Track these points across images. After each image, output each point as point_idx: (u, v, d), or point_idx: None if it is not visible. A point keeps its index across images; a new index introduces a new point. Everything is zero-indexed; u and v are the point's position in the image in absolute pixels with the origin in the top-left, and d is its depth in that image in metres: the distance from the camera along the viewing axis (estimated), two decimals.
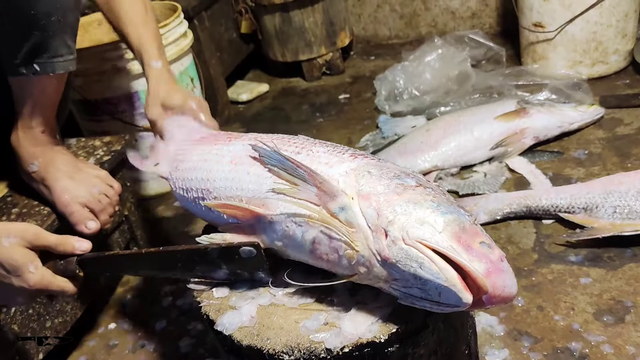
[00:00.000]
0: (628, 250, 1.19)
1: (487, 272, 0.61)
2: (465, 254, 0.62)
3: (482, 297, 0.61)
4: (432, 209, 0.67)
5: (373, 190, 0.69)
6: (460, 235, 0.64)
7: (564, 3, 1.77)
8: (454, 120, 1.66)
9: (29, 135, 1.08)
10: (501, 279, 0.62)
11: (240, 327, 0.75)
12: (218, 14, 2.22)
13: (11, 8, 0.95)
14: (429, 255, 0.63)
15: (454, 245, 0.63)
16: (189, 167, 0.91)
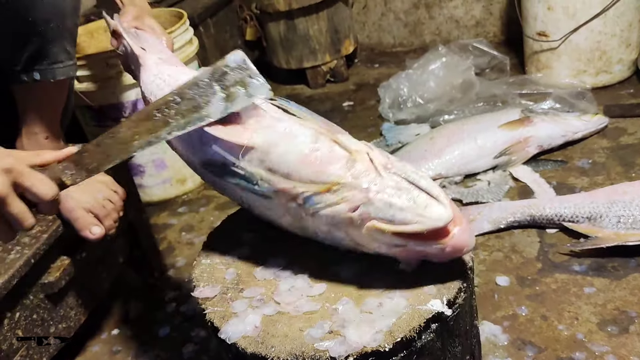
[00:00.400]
0: (632, 260, 1.19)
1: (462, 215, 0.71)
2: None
3: (454, 230, 0.69)
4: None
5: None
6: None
7: (568, 12, 1.78)
8: (457, 129, 1.66)
9: (33, 141, 1.08)
10: (468, 228, 0.72)
11: (244, 336, 0.75)
12: (223, 21, 2.23)
13: (9, 15, 0.96)
14: (428, 174, 0.72)
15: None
16: (178, 70, 0.93)
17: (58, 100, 1.09)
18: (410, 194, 0.70)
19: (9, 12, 0.96)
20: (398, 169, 0.73)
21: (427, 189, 0.70)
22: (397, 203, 0.69)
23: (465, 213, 1.39)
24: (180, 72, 0.93)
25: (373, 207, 0.70)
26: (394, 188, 0.70)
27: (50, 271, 1.11)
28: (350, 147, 0.74)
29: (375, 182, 0.71)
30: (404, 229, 0.69)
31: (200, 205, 1.73)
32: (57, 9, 0.99)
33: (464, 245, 0.71)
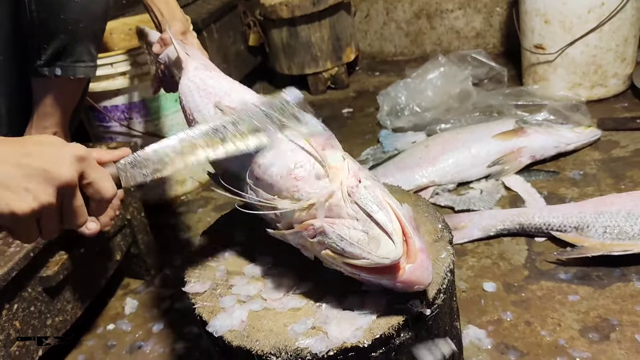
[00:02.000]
0: (616, 270, 1.21)
1: (422, 249, 0.70)
2: (413, 230, 0.72)
3: (405, 267, 0.69)
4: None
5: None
6: (415, 219, 0.75)
7: (565, 26, 1.81)
8: (452, 138, 1.69)
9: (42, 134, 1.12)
10: (427, 262, 0.71)
11: (231, 330, 0.78)
12: (227, 26, 2.27)
13: (43, 10, 1.01)
14: (392, 205, 0.72)
15: (409, 220, 0.73)
16: (212, 76, 0.99)
17: (72, 98, 1.14)
18: (366, 227, 0.70)
19: (44, 7, 1.01)
20: (359, 196, 0.72)
21: (383, 223, 0.70)
22: (349, 236, 0.70)
23: (456, 220, 1.42)
24: (211, 77, 0.98)
25: (327, 238, 0.71)
26: (352, 218, 0.71)
27: (48, 265, 1.14)
28: (330, 166, 0.75)
29: (339, 209, 0.72)
30: (351, 262, 0.70)
31: (199, 206, 1.77)
32: (88, 11, 1.05)
33: (416, 282, 0.70)
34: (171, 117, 1.71)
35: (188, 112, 0.97)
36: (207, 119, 0.88)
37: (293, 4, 2.21)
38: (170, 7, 1.16)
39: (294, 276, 0.84)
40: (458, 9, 2.47)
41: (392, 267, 0.69)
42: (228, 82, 0.98)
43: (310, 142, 0.78)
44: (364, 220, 0.70)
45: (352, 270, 0.71)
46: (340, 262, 0.71)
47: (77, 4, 1.05)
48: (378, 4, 2.58)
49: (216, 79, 0.98)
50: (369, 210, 0.71)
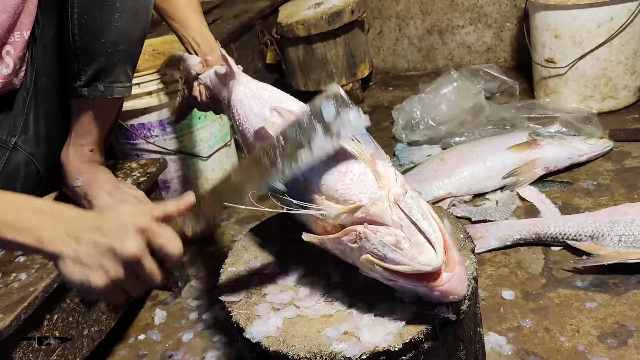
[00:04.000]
0: (632, 277, 1.24)
1: (460, 262, 0.75)
2: (452, 243, 0.76)
3: (444, 276, 0.73)
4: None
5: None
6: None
7: (575, 40, 1.86)
8: (467, 150, 1.73)
9: (79, 152, 1.19)
10: (463, 275, 0.76)
11: (267, 336, 0.83)
12: (245, 45, 2.35)
13: (85, 33, 1.08)
14: (434, 217, 0.76)
15: (449, 234, 0.77)
16: (264, 87, 1.06)
17: (108, 117, 1.20)
18: (409, 234, 0.74)
19: (86, 32, 1.08)
20: (406, 205, 0.76)
21: (427, 232, 0.74)
22: (392, 243, 0.73)
23: (473, 230, 1.46)
24: (264, 86, 1.05)
25: (369, 244, 0.75)
26: (397, 225, 0.75)
27: None
28: (379, 174, 0.80)
29: (384, 216, 0.75)
30: (392, 267, 0.74)
31: (222, 220, 1.82)
32: (127, 35, 1.11)
33: (452, 292, 0.74)
34: (196, 134, 1.77)
35: (242, 116, 1.02)
36: (265, 119, 0.94)
37: (309, 23, 2.28)
38: (205, 38, 1.22)
39: (325, 284, 0.89)
40: (469, 25, 2.53)
41: (432, 274, 0.73)
42: (282, 93, 1.03)
43: (361, 151, 0.82)
44: (408, 227, 0.74)
45: (390, 276, 0.75)
46: (380, 268, 0.75)
47: (117, 29, 1.11)
48: (391, 21, 2.64)
49: (270, 89, 1.04)
50: (414, 219, 0.75)
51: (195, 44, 1.21)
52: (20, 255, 1.13)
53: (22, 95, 1.18)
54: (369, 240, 0.75)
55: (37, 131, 1.20)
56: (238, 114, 1.03)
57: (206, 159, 1.81)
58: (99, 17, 1.08)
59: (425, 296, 0.76)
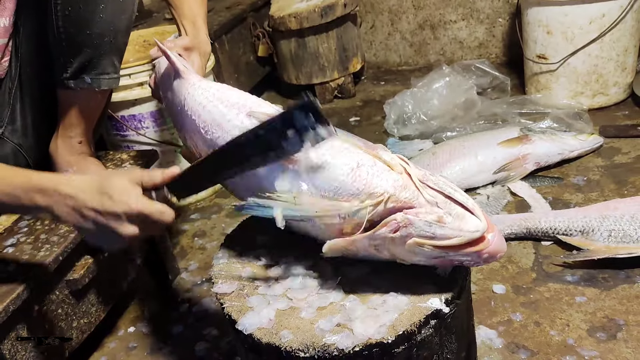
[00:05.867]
0: (622, 272, 1.26)
1: (492, 222, 0.77)
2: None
3: (489, 237, 0.74)
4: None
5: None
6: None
7: (567, 37, 1.86)
8: (459, 145, 1.74)
9: (67, 144, 1.17)
10: (499, 235, 0.77)
11: (259, 327, 0.82)
12: (237, 37, 2.33)
13: (70, 26, 1.06)
14: (461, 191, 0.77)
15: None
16: (227, 89, 0.97)
17: (96, 109, 1.18)
18: (447, 208, 0.75)
19: (70, 24, 1.06)
20: (433, 182, 0.78)
21: (463, 201, 0.76)
22: (436, 220, 0.74)
23: None
24: (226, 88, 0.96)
25: (414, 227, 0.75)
26: (432, 203, 0.76)
27: (75, 269, 1.18)
28: (389, 161, 0.80)
29: (414, 198, 0.76)
30: (444, 243, 0.74)
31: (212, 213, 1.81)
32: (113, 26, 1.09)
33: (499, 250, 0.76)
34: None
35: (209, 123, 0.93)
36: (241, 129, 0.86)
37: (301, 16, 2.27)
38: (196, 28, 1.16)
39: (318, 276, 0.88)
40: (461, 20, 2.53)
41: (480, 239, 0.74)
42: (248, 95, 0.95)
43: (356, 143, 0.81)
44: (443, 202, 0.75)
45: (440, 253, 0.75)
46: (429, 248, 0.75)
47: (103, 20, 1.09)
48: (383, 15, 2.64)
49: (233, 90, 0.96)
50: (447, 192, 0.76)
51: (184, 32, 1.18)
52: (9, 246, 1.12)
53: (7, 85, 1.17)
54: (414, 224, 0.75)
55: (24, 122, 1.19)
56: (201, 120, 0.94)
57: None
58: (83, 8, 1.06)
59: (474, 262, 0.77)
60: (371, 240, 0.79)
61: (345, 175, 0.79)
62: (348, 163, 0.80)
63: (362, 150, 0.81)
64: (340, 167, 0.80)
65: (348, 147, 0.81)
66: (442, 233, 0.74)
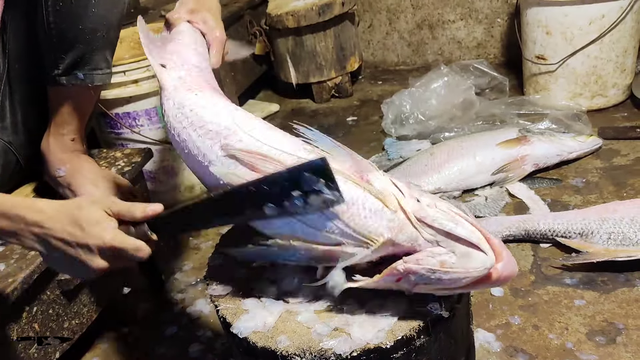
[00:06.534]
0: (621, 275, 1.24)
1: (501, 244, 0.72)
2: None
3: (498, 267, 0.70)
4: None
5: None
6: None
7: (566, 38, 1.85)
8: (457, 145, 1.72)
9: (59, 141, 1.15)
10: (510, 254, 0.72)
11: (255, 331, 0.80)
12: (234, 35, 2.31)
13: (62, 21, 1.03)
14: (459, 213, 0.71)
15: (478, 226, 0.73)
16: (202, 103, 0.86)
17: (89, 105, 1.16)
18: (450, 246, 0.70)
19: (62, 19, 1.03)
20: (432, 218, 0.71)
21: (466, 237, 0.69)
22: (439, 265, 0.70)
23: None
24: (201, 105, 0.86)
25: (416, 276, 0.71)
26: (433, 243, 0.70)
27: None
28: (382, 194, 0.73)
29: (413, 240, 0.71)
30: (450, 286, 0.71)
31: None
32: (105, 20, 1.06)
33: (510, 277, 0.72)
34: None
35: (186, 151, 0.84)
36: (218, 166, 0.80)
37: (299, 14, 2.25)
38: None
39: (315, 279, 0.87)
40: (460, 20, 2.51)
41: (488, 274, 0.71)
42: (222, 109, 0.84)
43: (345, 171, 0.74)
44: (446, 240, 0.70)
45: (450, 291, 0.73)
46: (436, 290, 0.72)
47: (95, 14, 1.07)
48: (381, 14, 2.62)
49: (208, 107, 0.85)
50: (447, 229, 0.70)
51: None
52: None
53: None
54: (417, 273, 0.70)
55: (14, 119, 1.16)
56: (178, 147, 0.86)
57: None
58: (75, 3, 1.04)
59: (487, 287, 0.76)
60: (379, 284, 0.75)
61: (337, 216, 0.72)
62: (337, 207, 0.72)
63: (351, 180, 0.74)
64: (327, 214, 0.73)
65: (338, 178, 0.70)
66: (447, 278, 0.70)
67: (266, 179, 0.71)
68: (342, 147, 0.77)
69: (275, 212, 0.71)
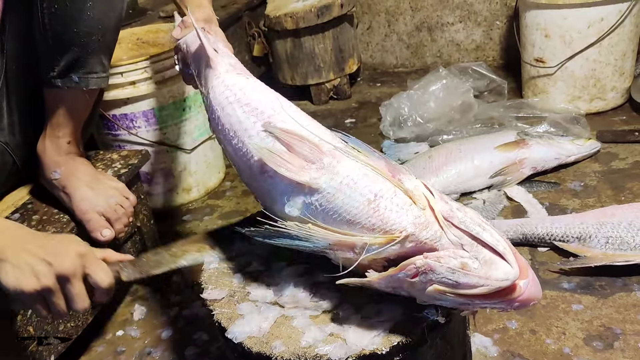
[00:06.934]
0: (619, 279, 1.24)
1: (527, 264, 0.69)
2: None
3: (521, 284, 0.66)
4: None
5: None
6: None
7: (565, 41, 1.85)
8: (455, 148, 1.72)
9: (55, 144, 1.14)
10: (535, 276, 0.69)
11: (250, 336, 0.80)
12: (232, 37, 2.30)
13: (56, 24, 1.03)
14: (487, 223, 0.69)
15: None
16: (252, 86, 0.91)
17: (85, 108, 1.15)
18: (473, 251, 0.67)
19: (57, 21, 1.03)
20: (459, 220, 0.69)
21: (493, 244, 0.67)
22: (460, 266, 0.66)
23: None
24: (251, 87, 0.91)
25: (434, 274, 0.67)
26: (457, 245, 0.68)
27: None
28: (412, 192, 0.72)
29: (437, 239, 0.69)
30: (467, 292, 0.66)
31: (205, 214, 1.79)
32: (101, 24, 1.06)
33: (533, 298, 0.67)
34: (181, 126, 1.73)
35: (227, 125, 0.88)
36: (257, 140, 0.82)
37: (297, 16, 2.25)
38: (202, 7, 1.09)
39: (311, 284, 0.86)
40: (458, 22, 2.51)
41: (510, 288, 0.66)
42: (270, 94, 0.90)
43: (376, 167, 0.74)
44: (470, 244, 0.68)
45: (465, 300, 0.68)
46: (451, 295, 0.67)
47: (91, 18, 1.06)
48: (380, 16, 2.62)
49: (257, 89, 0.91)
50: (474, 233, 0.68)
51: (185, 8, 1.10)
52: None
53: None
54: (435, 270, 0.67)
55: (11, 120, 1.16)
56: (220, 122, 0.89)
57: (190, 151, 1.77)
58: (70, 5, 1.03)
59: (503, 309, 0.69)
60: (390, 282, 0.72)
61: (360, 208, 0.72)
62: (365, 194, 0.72)
63: (382, 176, 0.73)
64: (356, 199, 0.72)
65: (367, 172, 0.73)
66: (466, 282, 0.66)
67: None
68: (376, 151, 0.78)
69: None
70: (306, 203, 0.76)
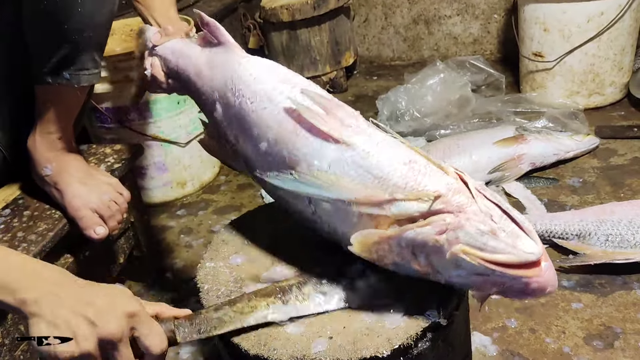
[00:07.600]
0: (619, 277, 1.23)
1: (546, 253, 0.68)
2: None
3: (543, 265, 0.66)
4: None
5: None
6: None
7: (564, 35, 1.83)
8: (453, 144, 1.70)
9: (46, 140, 1.11)
10: (552, 268, 0.68)
11: (247, 337, 0.78)
12: (227, 28, 2.24)
13: (47, 21, 0.99)
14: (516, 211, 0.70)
15: None
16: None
17: (76, 104, 1.12)
18: (502, 224, 0.67)
19: (47, 18, 0.99)
20: (490, 194, 0.71)
21: (520, 221, 0.67)
22: (490, 231, 0.66)
23: None
24: (273, 62, 0.93)
25: (463, 233, 0.66)
26: (487, 215, 0.68)
27: None
28: (443, 166, 0.73)
29: (469, 205, 0.69)
30: (495, 257, 0.65)
31: (199, 209, 1.76)
32: (92, 20, 1.02)
33: (550, 284, 0.67)
34: (175, 120, 1.70)
35: (249, 95, 0.86)
36: (296, 102, 0.80)
37: (294, 8, 2.21)
38: (171, 22, 1.09)
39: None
40: (456, 15, 2.49)
41: (533, 264, 0.66)
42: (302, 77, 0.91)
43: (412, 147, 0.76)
44: (499, 216, 0.67)
45: (485, 269, 0.66)
46: (476, 260, 0.66)
47: (81, 15, 1.02)
48: (377, 9, 2.59)
49: (288, 69, 0.91)
50: (504, 207, 0.68)
51: (156, 24, 1.11)
52: None
53: None
54: (464, 228, 0.66)
55: (1, 116, 1.13)
56: (249, 90, 0.87)
57: (184, 145, 1.74)
58: (60, 2, 1.00)
59: (517, 291, 0.68)
60: (410, 240, 0.70)
61: (394, 168, 0.72)
62: (399, 158, 0.73)
63: (415, 151, 0.75)
64: (389, 159, 0.73)
65: (402, 144, 0.76)
66: (494, 245, 0.65)
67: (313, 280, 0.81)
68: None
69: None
70: (335, 160, 0.75)
